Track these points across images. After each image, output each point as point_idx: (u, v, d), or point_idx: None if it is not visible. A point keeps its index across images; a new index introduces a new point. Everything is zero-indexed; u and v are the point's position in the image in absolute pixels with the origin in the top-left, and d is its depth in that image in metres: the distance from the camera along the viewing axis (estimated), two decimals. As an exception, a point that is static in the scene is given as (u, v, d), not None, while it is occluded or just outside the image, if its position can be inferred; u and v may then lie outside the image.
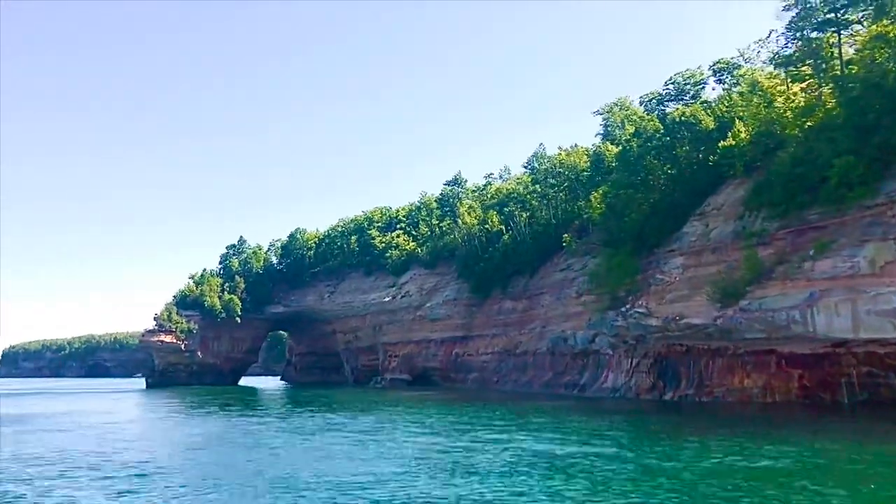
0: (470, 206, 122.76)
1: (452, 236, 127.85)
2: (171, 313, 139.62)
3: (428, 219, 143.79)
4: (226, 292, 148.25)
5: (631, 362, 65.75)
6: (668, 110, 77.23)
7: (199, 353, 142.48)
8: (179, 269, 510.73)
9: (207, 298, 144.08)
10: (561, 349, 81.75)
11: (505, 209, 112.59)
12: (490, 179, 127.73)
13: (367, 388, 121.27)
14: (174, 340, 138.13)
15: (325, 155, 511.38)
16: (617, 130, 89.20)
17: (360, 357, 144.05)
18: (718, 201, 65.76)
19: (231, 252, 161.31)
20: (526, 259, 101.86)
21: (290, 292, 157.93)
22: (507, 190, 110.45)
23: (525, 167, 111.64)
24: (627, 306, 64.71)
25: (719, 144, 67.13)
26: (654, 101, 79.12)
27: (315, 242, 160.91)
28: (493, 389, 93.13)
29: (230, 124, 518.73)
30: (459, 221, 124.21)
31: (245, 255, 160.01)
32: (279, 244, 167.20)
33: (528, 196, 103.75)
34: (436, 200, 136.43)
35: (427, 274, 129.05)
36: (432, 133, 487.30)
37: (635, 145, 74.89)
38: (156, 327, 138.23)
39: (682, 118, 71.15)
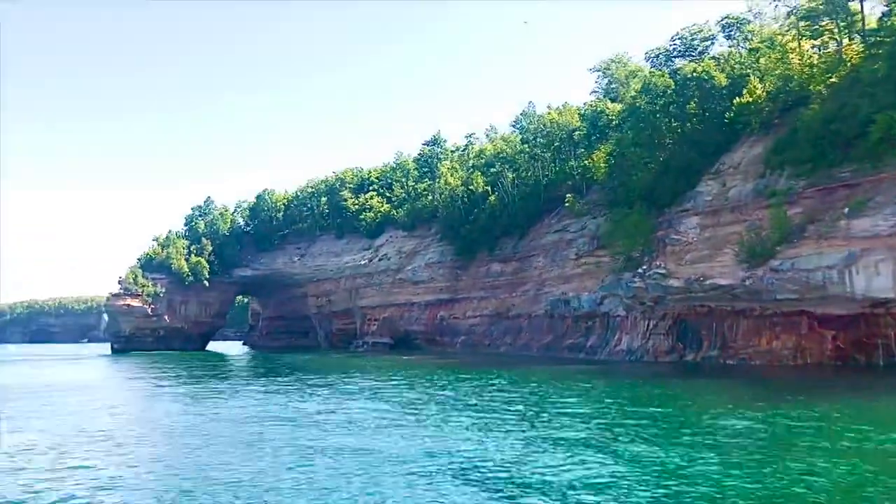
0: (452, 167, 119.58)
1: (432, 198, 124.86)
2: (136, 276, 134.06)
3: (403, 180, 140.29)
4: (193, 255, 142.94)
5: (647, 324, 64.24)
6: (675, 66, 74.98)
7: (166, 318, 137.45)
8: (131, 233, 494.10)
9: (174, 261, 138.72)
10: (561, 312, 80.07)
11: (491, 169, 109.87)
12: (472, 139, 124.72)
13: (347, 351, 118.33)
14: (141, 304, 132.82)
15: (293, 114, 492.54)
16: (620, 87, 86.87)
17: (333, 321, 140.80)
18: (734, 159, 64.21)
19: (197, 213, 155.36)
20: (515, 220, 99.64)
21: (259, 255, 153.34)
22: (495, 149, 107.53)
23: (513, 126, 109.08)
24: (643, 267, 63.02)
25: (734, 101, 65.43)
26: (661, 56, 76.86)
27: (284, 204, 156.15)
28: (484, 353, 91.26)
29: (194, 81, 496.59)
30: (440, 182, 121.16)
31: (211, 216, 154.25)
32: (246, 206, 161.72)
33: (517, 156, 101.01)
34: (414, 161, 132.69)
35: (405, 236, 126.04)
36: (406, 92, 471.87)
37: (643, 102, 72.69)
38: (121, 291, 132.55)
39: (694, 74, 69.08)
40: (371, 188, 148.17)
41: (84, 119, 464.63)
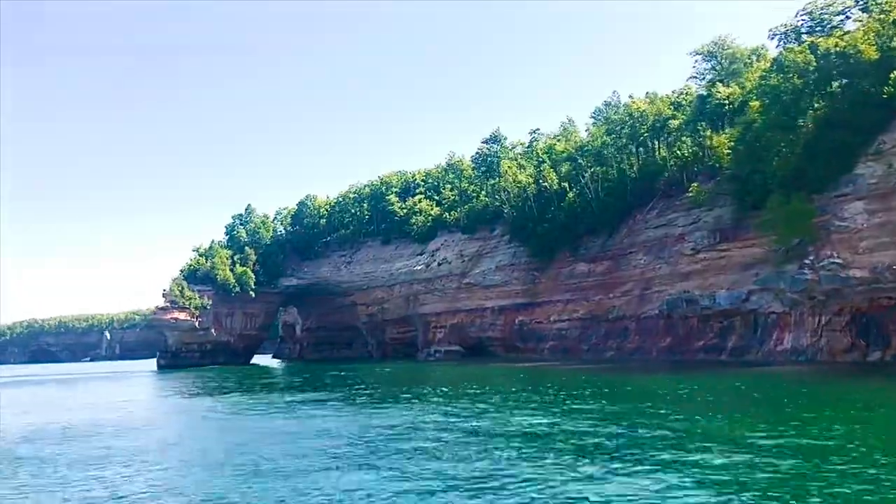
0: (519, 164, 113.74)
1: (495, 198, 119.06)
2: (182, 288, 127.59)
3: (456, 181, 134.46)
4: (237, 265, 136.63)
5: (818, 320, 58.37)
6: (806, 42, 69.31)
7: (213, 331, 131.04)
8: (142, 250, 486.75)
9: (219, 272, 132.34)
10: (682, 311, 74.23)
11: (565, 165, 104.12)
12: (536, 135, 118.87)
13: (414, 361, 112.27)
14: (188, 317, 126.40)
15: (333, 119, 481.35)
16: (726, 71, 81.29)
17: (387, 330, 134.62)
18: (896, 138, 58.51)
19: (238, 222, 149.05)
20: (601, 217, 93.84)
21: (302, 264, 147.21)
22: (575, 143, 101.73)
23: (594, 118, 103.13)
24: (811, 258, 57.25)
25: (891, 75, 59.75)
26: (790, 33, 71.21)
27: (327, 210, 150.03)
28: (584, 359, 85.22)
29: (227, 84, 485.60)
30: (504, 181, 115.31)
31: (253, 224, 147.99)
32: (286, 213, 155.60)
33: (603, 149, 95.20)
34: (471, 160, 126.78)
35: (465, 239, 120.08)
36: (451, 95, 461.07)
37: (777, 80, 67.02)
38: (168, 304, 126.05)
39: (837, 49, 63.45)
40: (417, 191, 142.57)
41: (90, 122, 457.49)
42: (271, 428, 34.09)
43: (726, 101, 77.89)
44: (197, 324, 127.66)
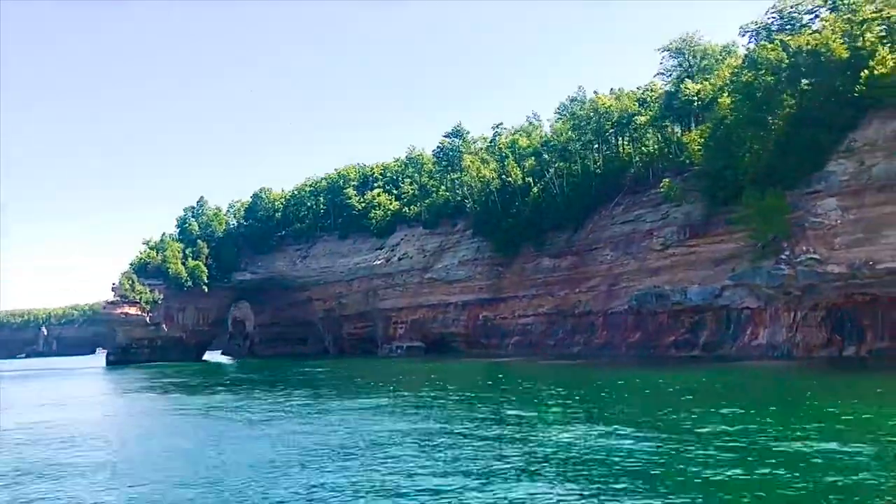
0: (482, 158, 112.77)
1: (456, 192, 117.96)
2: (132, 282, 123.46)
3: (415, 175, 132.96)
4: (189, 258, 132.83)
5: (794, 316, 58.63)
6: (775, 40, 69.63)
7: (164, 327, 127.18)
8: (76, 240, 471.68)
9: (171, 266, 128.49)
10: (652, 307, 74.15)
11: (530, 160, 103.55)
12: (499, 129, 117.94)
13: (374, 357, 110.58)
14: (139, 312, 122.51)
15: (289, 111, 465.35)
16: (693, 67, 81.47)
17: (345, 325, 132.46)
18: (868, 136, 59.01)
19: (190, 214, 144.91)
20: (567, 213, 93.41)
21: (256, 258, 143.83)
22: (539, 138, 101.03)
23: (559, 114, 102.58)
24: (786, 253, 57.48)
25: (861, 74, 60.37)
26: (761, 31, 71.46)
27: (282, 203, 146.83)
28: (551, 354, 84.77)
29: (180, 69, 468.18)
30: (466, 175, 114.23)
31: (206, 217, 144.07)
32: (240, 206, 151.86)
33: (568, 144, 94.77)
34: (433, 154, 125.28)
35: (426, 234, 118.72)
36: (413, 85, 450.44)
37: (748, 77, 67.26)
38: (118, 298, 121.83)
39: (808, 47, 63.92)
40: (376, 185, 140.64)
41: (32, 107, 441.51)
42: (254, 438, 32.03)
43: (695, 98, 78.01)
44: (148, 319, 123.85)
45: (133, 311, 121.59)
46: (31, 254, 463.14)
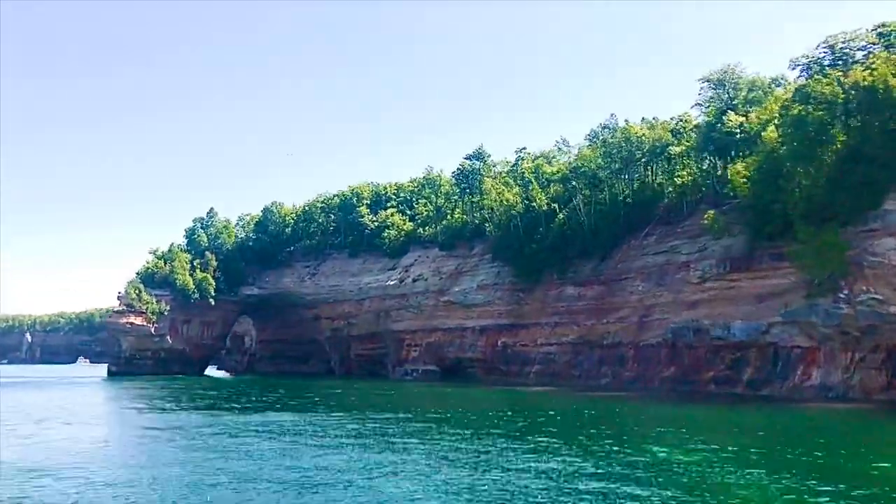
0: (504, 182, 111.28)
1: (475, 215, 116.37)
2: (139, 292, 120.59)
3: (432, 196, 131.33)
4: (197, 270, 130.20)
5: (851, 357, 56.73)
6: (829, 74, 68.49)
7: (168, 339, 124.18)
8: (65, 248, 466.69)
9: (179, 276, 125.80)
10: (689, 341, 72.23)
11: (558, 185, 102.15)
12: (522, 154, 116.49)
13: (385, 379, 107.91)
14: (144, 323, 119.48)
15: (303, 125, 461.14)
16: (734, 98, 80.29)
17: (353, 346, 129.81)
18: (926, 176, 57.78)
19: (199, 226, 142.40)
20: (594, 241, 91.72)
21: (264, 273, 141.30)
22: (570, 163, 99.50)
23: (589, 140, 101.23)
24: (845, 292, 55.76)
25: (920, 113, 59.17)
26: (812, 65, 70.31)
27: (293, 219, 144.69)
28: (575, 385, 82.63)
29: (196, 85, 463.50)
30: (487, 199, 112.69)
31: (215, 229, 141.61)
32: (249, 219, 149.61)
33: (598, 171, 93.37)
34: (453, 175, 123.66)
35: (443, 256, 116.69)
36: (433, 106, 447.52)
37: (798, 110, 65.93)
38: (123, 307, 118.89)
39: (865, 83, 62.75)
40: (389, 205, 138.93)
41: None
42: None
43: (737, 130, 76.70)
44: (153, 330, 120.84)
45: (139, 321, 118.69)
46: (29, 263, 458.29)
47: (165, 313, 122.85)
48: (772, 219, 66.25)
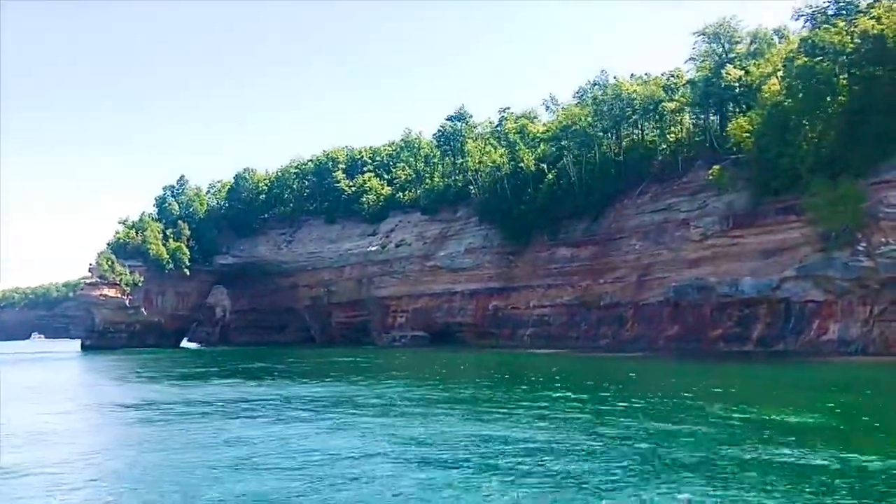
0: (490, 143, 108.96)
1: (457, 178, 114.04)
2: (111, 263, 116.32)
3: (411, 160, 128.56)
4: (170, 239, 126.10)
5: (870, 310, 56.07)
6: (835, 24, 67.08)
7: (143, 310, 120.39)
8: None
9: (152, 246, 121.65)
10: (693, 299, 71.32)
11: (545, 145, 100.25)
12: (506, 114, 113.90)
13: (374, 347, 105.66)
14: (118, 295, 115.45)
15: (275, 87, 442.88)
16: (729, 53, 78.62)
17: (333, 313, 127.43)
18: (941, 126, 57.06)
19: (170, 194, 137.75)
20: (586, 201, 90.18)
21: (238, 241, 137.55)
22: (560, 122, 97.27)
23: (578, 98, 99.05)
24: (863, 245, 55.04)
25: (933, 62, 58.29)
26: (817, 15, 68.73)
27: (266, 185, 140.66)
28: (573, 346, 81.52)
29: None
30: (471, 160, 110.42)
31: (186, 197, 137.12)
32: (221, 186, 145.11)
33: (589, 130, 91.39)
34: (434, 137, 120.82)
35: (426, 220, 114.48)
36: (409, 66, 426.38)
37: (803, 62, 64.66)
38: (96, 279, 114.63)
39: (875, 32, 61.60)
40: (365, 169, 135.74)
41: None
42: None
43: (736, 84, 75.38)
44: (127, 302, 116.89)
45: (112, 292, 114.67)
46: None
47: (140, 284, 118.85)
48: (778, 173, 65.25)
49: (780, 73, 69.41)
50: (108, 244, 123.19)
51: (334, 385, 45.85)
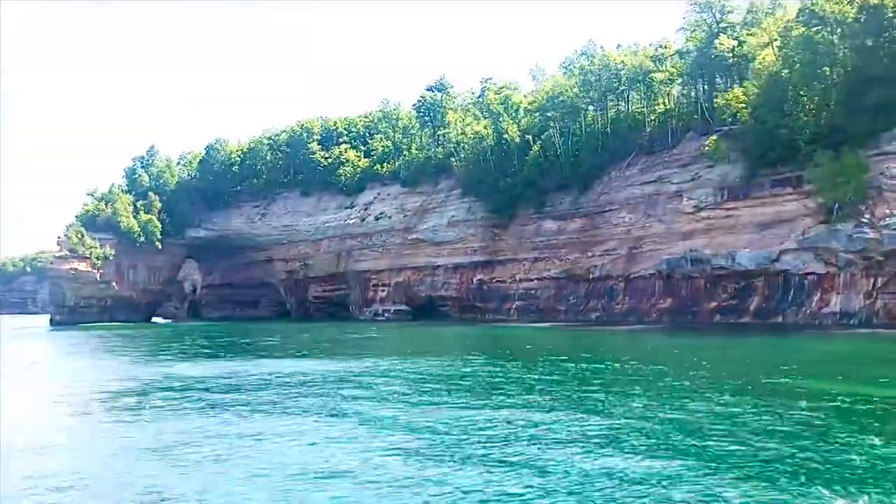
0: (472, 114, 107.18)
1: (437, 149, 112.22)
2: (81, 236, 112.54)
3: (389, 131, 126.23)
4: (141, 212, 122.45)
5: (873, 282, 55.96)
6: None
7: (114, 285, 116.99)
8: None
9: (123, 219, 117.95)
10: (685, 272, 70.89)
11: (530, 116, 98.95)
12: (488, 84, 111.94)
13: (355, 321, 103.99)
14: (89, 269, 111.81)
15: (246, 54, 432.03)
16: (720, 21, 77.66)
17: (310, 288, 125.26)
18: (941, 97, 56.85)
19: (140, 165, 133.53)
20: (572, 173, 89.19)
21: (211, 214, 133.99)
22: (546, 93, 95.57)
23: (565, 68, 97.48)
24: (866, 216, 54.77)
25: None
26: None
27: (239, 157, 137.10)
28: (562, 319, 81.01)
29: None
30: (454, 131, 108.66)
31: (157, 169, 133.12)
32: (191, 157, 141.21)
33: (576, 101, 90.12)
34: (413, 108, 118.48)
35: (405, 193, 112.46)
36: (387, 33, 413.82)
37: (801, 31, 64.06)
38: (66, 252, 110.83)
39: (875, 0, 61.05)
40: (341, 140, 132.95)
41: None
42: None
43: (729, 55, 74.57)
44: (98, 276, 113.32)
45: (83, 266, 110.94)
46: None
47: (111, 258, 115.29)
48: (775, 144, 64.73)
49: (776, 44, 68.63)
50: (77, 217, 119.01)
51: (341, 361, 44.21)
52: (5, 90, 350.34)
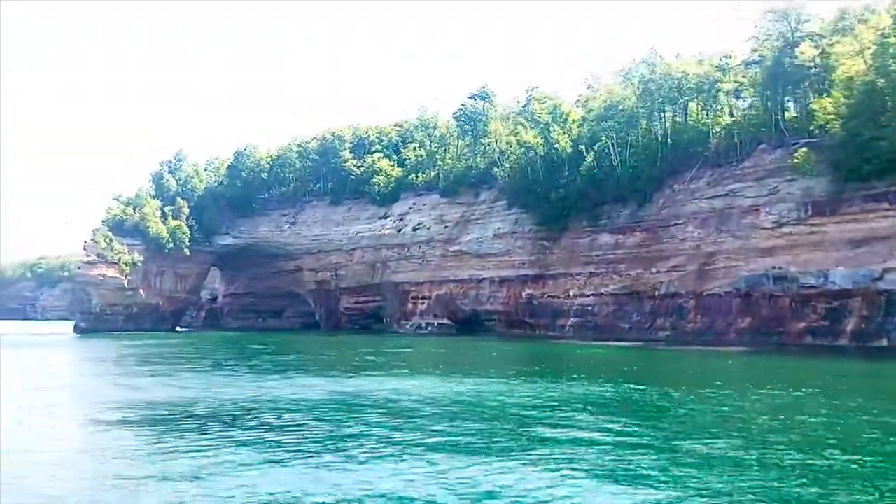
0: (519, 123, 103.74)
1: (477, 160, 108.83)
2: (109, 241, 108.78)
3: (425, 140, 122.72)
4: (169, 217, 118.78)
5: None
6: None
7: (141, 292, 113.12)
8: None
9: (151, 224, 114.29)
10: (767, 290, 67.06)
11: (582, 126, 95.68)
12: (533, 93, 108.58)
13: (393, 334, 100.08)
14: (117, 275, 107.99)
15: (280, 61, 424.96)
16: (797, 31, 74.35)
17: (342, 299, 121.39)
18: None
19: (167, 170, 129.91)
20: (630, 185, 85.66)
21: (238, 221, 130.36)
22: (605, 101, 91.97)
23: (623, 77, 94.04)
24: None
25: None
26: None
27: (268, 163, 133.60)
28: (626, 338, 76.95)
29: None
30: (498, 141, 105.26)
31: (185, 174, 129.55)
32: (219, 163, 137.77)
33: (637, 110, 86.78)
34: (454, 117, 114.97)
35: (445, 203, 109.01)
36: (425, 40, 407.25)
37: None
38: (93, 257, 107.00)
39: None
40: (373, 149, 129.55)
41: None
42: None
43: (811, 64, 71.21)
44: (126, 282, 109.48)
45: (111, 272, 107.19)
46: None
47: (139, 264, 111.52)
48: (871, 157, 61.20)
49: (868, 52, 65.14)
50: (104, 221, 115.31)
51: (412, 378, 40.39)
52: (5, 90, 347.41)
